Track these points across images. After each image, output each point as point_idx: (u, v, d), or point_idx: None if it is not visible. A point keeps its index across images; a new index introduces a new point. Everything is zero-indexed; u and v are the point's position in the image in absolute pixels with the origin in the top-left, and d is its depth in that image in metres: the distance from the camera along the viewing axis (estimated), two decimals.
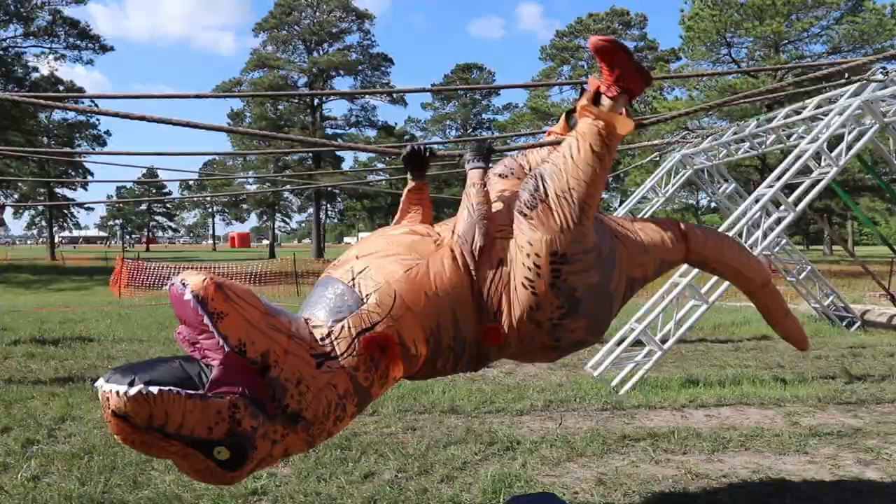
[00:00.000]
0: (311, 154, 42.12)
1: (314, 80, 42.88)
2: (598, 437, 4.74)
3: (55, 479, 3.97)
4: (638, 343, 6.68)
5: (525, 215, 2.56)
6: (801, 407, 5.75)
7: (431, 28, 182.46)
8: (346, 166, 54.76)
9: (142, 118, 3.22)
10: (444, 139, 66.75)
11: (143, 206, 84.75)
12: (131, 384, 1.86)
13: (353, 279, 2.47)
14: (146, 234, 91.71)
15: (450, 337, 2.52)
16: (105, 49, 37.25)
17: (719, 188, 10.41)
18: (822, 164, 6.60)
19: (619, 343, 6.62)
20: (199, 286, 2.03)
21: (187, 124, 3.45)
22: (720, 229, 7.18)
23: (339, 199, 59.29)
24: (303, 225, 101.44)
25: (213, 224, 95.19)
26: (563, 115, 3.34)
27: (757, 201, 6.63)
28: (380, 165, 62.50)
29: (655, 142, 10.25)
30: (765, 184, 6.81)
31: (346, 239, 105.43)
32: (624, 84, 2.55)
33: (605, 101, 2.54)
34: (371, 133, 50.99)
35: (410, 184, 2.97)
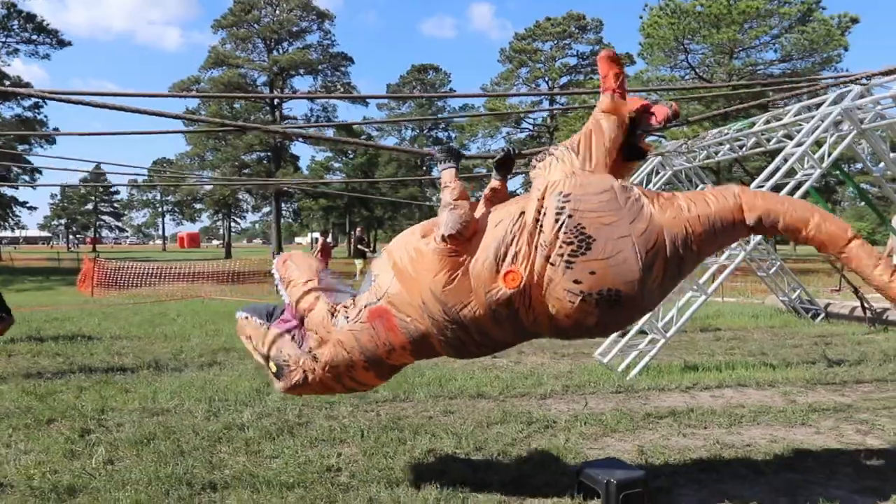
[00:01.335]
0: (269, 154, 41.91)
1: (274, 78, 42.58)
2: (625, 416, 5.15)
3: (130, 464, 4.15)
4: (640, 332, 7.13)
5: (536, 168, 3.16)
6: (794, 388, 6.27)
7: (383, 27, 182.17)
8: (302, 166, 54.53)
9: (155, 112, 3.49)
10: (400, 139, 67.03)
11: (90, 206, 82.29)
12: (241, 311, 3.56)
13: (375, 262, 3.34)
14: (92, 233, 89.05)
15: (440, 313, 3.03)
16: (63, 44, 36.25)
17: (697, 188, 11.00)
18: (806, 166, 7.17)
19: (624, 332, 7.05)
20: (277, 262, 3.58)
21: (197, 119, 3.73)
22: None
23: (294, 199, 58.81)
24: (257, 225, 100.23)
25: (164, 224, 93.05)
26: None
27: None
28: (336, 165, 61.58)
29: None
30: (754, 184, 7.35)
31: (297, 239, 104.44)
32: (624, 91, 3.29)
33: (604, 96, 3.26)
34: (330, 132, 50.85)
35: (495, 183, 3.35)
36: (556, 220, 2.88)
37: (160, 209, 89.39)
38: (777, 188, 7.17)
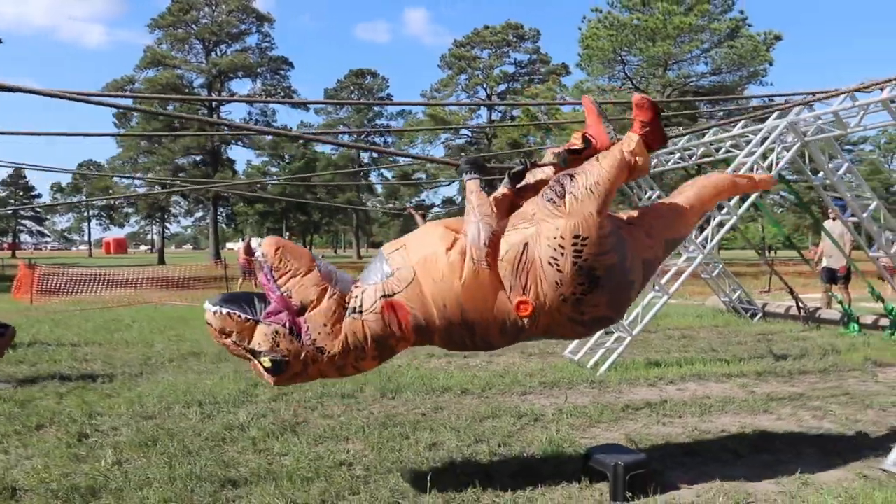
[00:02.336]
0: (207, 157, 41.02)
1: (213, 81, 41.73)
2: (606, 408, 5.50)
3: (141, 465, 4.20)
4: (607, 331, 7.52)
5: (554, 202, 3.21)
6: (749, 380, 6.77)
7: (317, 30, 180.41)
8: (238, 169, 53.52)
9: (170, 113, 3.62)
10: (337, 144, 66.54)
11: (10, 210, 78.32)
12: (216, 305, 3.17)
13: (391, 254, 3.31)
14: (11, 239, 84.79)
15: (458, 318, 3.20)
16: None
17: (646, 195, 11.57)
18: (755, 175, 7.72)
19: None
20: (266, 248, 3.21)
21: (209, 122, 3.87)
22: None
23: (229, 204, 57.71)
24: (189, 230, 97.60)
25: (90, 228, 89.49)
26: (557, 155, 3.69)
27: None
28: (273, 169, 60.87)
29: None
30: None
31: (229, 244, 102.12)
32: (647, 139, 3.43)
33: (633, 135, 3.39)
34: (268, 137, 50.16)
35: (505, 190, 3.60)
36: (574, 264, 3.10)
37: (86, 213, 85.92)
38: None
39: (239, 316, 3.14)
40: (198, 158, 43.55)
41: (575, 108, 31.76)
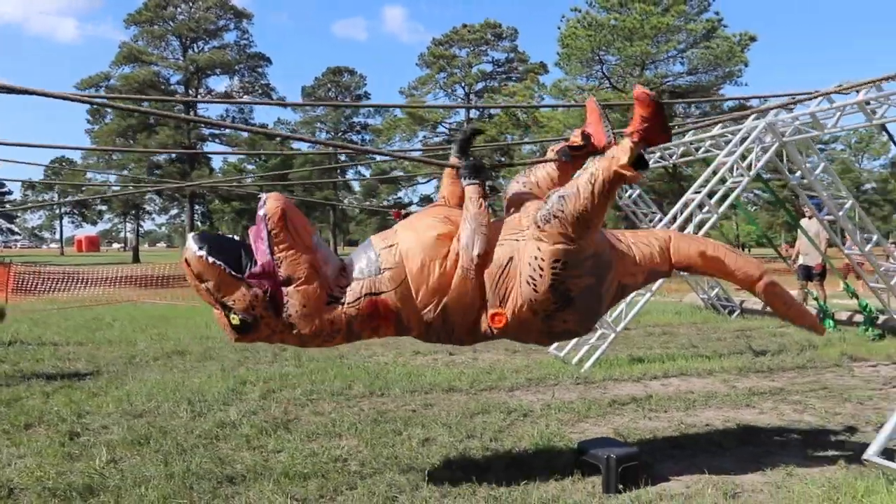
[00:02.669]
0: (185, 155, 40.60)
1: (190, 77, 41.29)
2: (593, 404, 5.60)
3: (136, 463, 4.21)
4: None
5: (539, 227, 3.18)
6: (730, 375, 6.93)
7: (295, 27, 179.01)
8: (215, 167, 52.98)
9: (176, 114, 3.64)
10: (315, 141, 66.13)
11: None
12: (201, 249, 3.01)
13: (382, 250, 3.25)
14: None
15: (440, 320, 3.24)
16: None
17: (625, 193, 11.72)
18: (735, 174, 7.90)
19: None
20: (270, 208, 3.03)
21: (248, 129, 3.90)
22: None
23: (204, 201, 57.14)
24: (163, 227, 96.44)
25: (62, 226, 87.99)
26: (558, 152, 3.71)
27: (686, 205, 7.82)
28: (250, 167, 60.34)
29: None
30: (691, 190, 8.03)
31: None
32: (646, 135, 3.08)
33: (626, 142, 3.08)
34: (245, 134, 49.74)
35: (453, 160, 3.61)
36: (551, 285, 3.14)
37: (57, 211, 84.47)
38: (711, 193, 7.86)
39: (223, 269, 3.01)
40: (174, 155, 43.08)
41: (555, 109, 31.98)
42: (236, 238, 3.26)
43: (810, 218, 10.88)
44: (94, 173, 43.39)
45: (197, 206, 52.52)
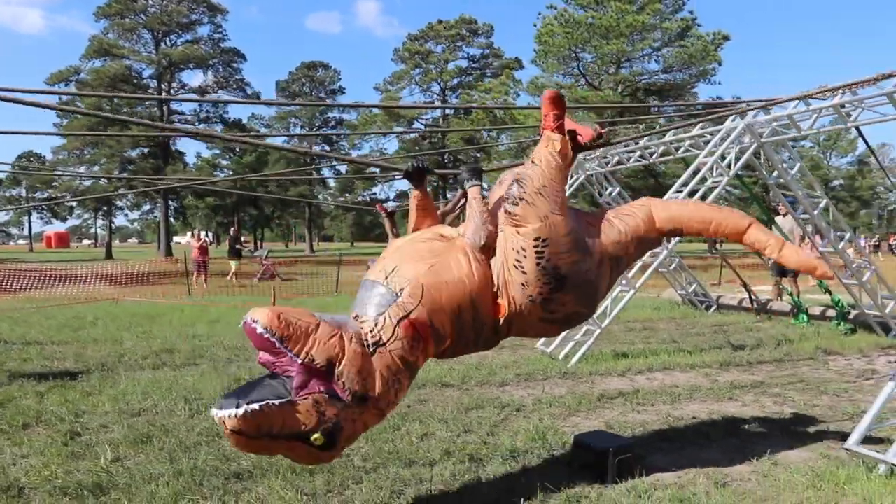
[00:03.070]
0: (156, 150, 40.14)
1: (163, 72, 40.74)
2: (583, 398, 5.77)
3: (141, 461, 4.27)
4: None
5: (510, 213, 3.32)
6: (711, 369, 7.16)
7: (267, 21, 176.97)
8: (188, 162, 52.40)
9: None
10: (290, 135, 65.77)
11: None
12: (238, 406, 2.61)
13: (387, 278, 3.20)
14: None
15: (470, 318, 3.25)
16: None
17: (606, 191, 11.94)
18: (715, 174, 8.13)
19: None
20: (265, 320, 2.77)
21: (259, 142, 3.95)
22: None
23: (178, 197, 56.47)
24: (135, 223, 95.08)
25: (31, 222, 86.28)
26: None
27: None
28: (224, 162, 59.54)
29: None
30: (672, 189, 8.25)
31: (175, 238, 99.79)
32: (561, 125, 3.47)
33: (555, 135, 3.46)
34: (219, 128, 49.29)
35: (414, 192, 3.73)
36: (538, 264, 3.22)
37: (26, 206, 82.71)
38: (692, 192, 8.08)
39: (272, 404, 2.65)
40: (146, 151, 42.55)
41: (529, 103, 32.18)
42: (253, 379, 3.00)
43: (784, 215, 11.20)
44: (82, 173, 42.66)
45: (171, 203, 51.87)
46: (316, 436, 2.73)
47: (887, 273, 10.44)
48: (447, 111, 48.10)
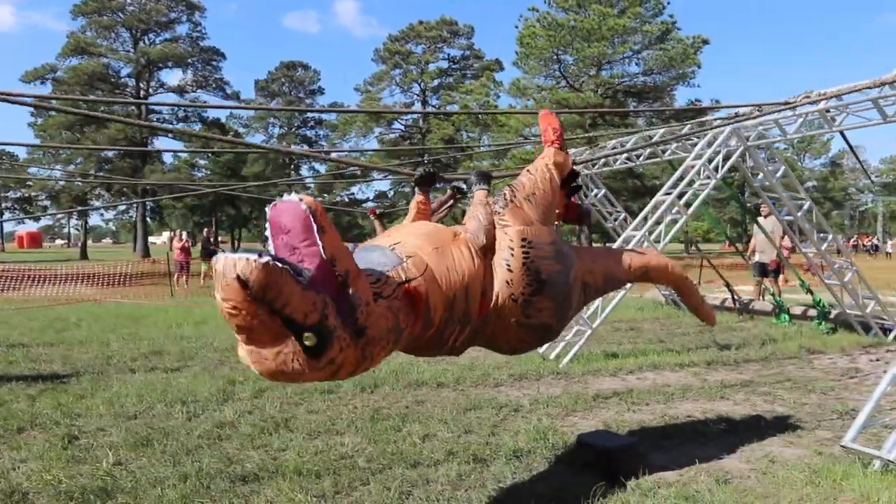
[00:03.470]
0: (136, 150, 39.63)
1: (141, 70, 40.24)
2: (579, 398, 5.84)
3: (143, 464, 4.25)
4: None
5: (500, 214, 3.46)
6: (700, 369, 7.28)
7: (245, 20, 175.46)
8: (166, 161, 51.77)
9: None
10: (267, 136, 65.35)
11: None
12: (261, 255, 2.27)
13: (392, 247, 3.14)
14: None
15: (461, 310, 3.23)
16: None
17: (592, 193, 12.06)
18: (702, 176, 8.26)
19: None
20: (311, 202, 2.54)
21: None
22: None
23: (155, 196, 55.77)
24: (109, 223, 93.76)
25: (1, 222, 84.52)
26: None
27: (657, 206, 8.15)
28: (202, 162, 58.82)
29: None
30: (662, 191, 8.36)
31: (151, 238, 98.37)
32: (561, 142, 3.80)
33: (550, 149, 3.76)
34: (197, 127, 48.83)
35: (419, 197, 3.81)
36: (524, 264, 3.33)
37: None
38: (680, 195, 8.20)
39: (292, 271, 2.35)
40: (122, 151, 41.93)
41: (511, 105, 32.35)
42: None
43: (766, 216, 11.39)
44: (65, 172, 41.98)
45: (148, 203, 51.26)
46: (309, 334, 2.43)
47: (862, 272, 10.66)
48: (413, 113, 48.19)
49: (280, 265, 2.29)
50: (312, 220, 2.47)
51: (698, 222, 43.84)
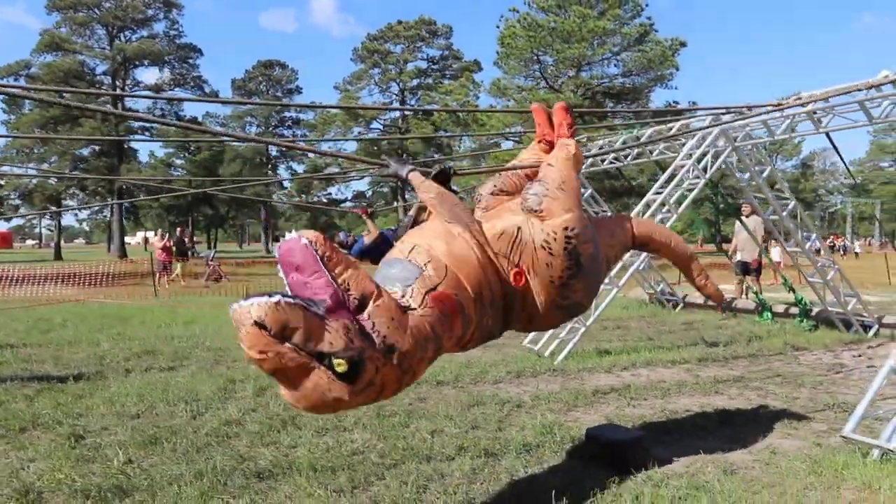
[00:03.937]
0: (110, 148, 39.11)
1: (118, 68, 39.68)
2: (579, 394, 5.94)
3: (154, 462, 4.25)
4: None
5: (536, 211, 3.48)
6: (692, 365, 7.42)
7: (221, 17, 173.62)
8: (142, 160, 51.16)
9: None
10: (246, 136, 64.73)
11: None
12: (271, 296, 2.35)
13: (408, 255, 3.18)
14: None
15: (490, 296, 3.29)
16: None
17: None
18: (691, 176, 8.42)
19: None
20: (311, 235, 2.63)
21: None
22: None
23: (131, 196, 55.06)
24: (83, 223, 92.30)
25: None
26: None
27: (648, 205, 8.29)
28: (178, 161, 58.29)
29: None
30: (652, 191, 8.51)
31: (125, 238, 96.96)
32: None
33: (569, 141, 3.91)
34: (173, 127, 48.28)
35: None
36: (565, 248, 3.40)
37: None
38: (670, 194, 8.35)
39: (306, 306, 2.40)
40: (98, 149, 41.39)
41: (492, 105, 32.49)
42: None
43: (748, 216, 11.63)
44: (40, 171, 41.16)
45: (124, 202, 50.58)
46: (339, 360, 2.46)
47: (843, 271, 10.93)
48: (406, 113, 48.13)
49: (292, 300, 2.37)
50: (315, 252, 2.57)
51: (675, 222, 44.19)
